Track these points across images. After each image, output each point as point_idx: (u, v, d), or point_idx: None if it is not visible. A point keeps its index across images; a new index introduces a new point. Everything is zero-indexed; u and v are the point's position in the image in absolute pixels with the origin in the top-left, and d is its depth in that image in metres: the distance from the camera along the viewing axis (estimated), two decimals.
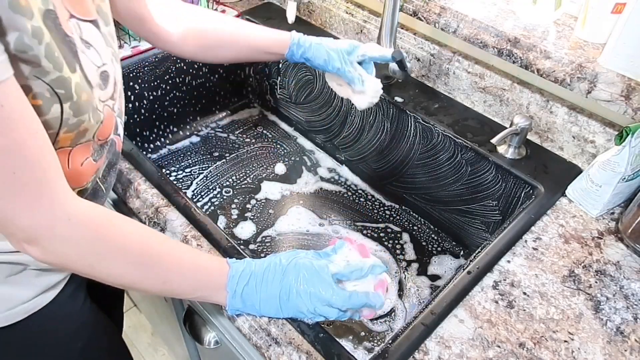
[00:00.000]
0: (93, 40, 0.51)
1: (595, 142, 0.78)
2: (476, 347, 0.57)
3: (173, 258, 0.49)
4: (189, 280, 0.50)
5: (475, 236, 0.90)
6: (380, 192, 1.03)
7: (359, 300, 0.53)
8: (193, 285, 0.51)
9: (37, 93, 0.42)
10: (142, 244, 0.47)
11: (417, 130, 0.90)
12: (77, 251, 0.43)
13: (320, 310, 0.52)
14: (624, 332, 0.59)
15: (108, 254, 0.45)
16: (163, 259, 0.48)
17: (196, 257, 0.52)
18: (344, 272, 0.54)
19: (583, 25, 0.78)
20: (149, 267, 0.47)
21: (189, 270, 0.50)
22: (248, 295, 0.52)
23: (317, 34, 1.09)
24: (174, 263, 0.49)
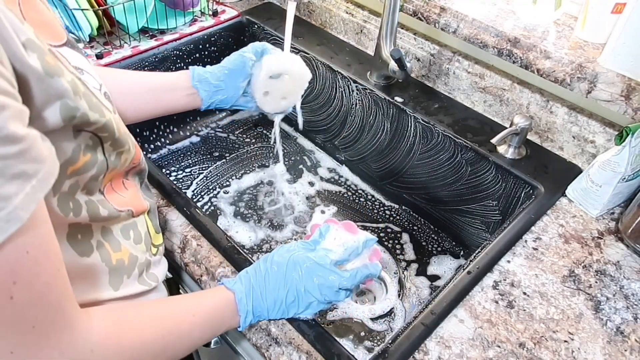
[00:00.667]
0: (81, 64, 0.46)
1: (595, 142, 0.78)
2: (476, 347, 0.57)
3: (189, 325, 0.50)
4: (208, 331, 0.51)
5: (475, 236, 0.90)
6: (380, 192, 1.03)
7: (363, 275, 0.56)
8: (214, 331, 0.52)
9: (85, 148, 0.40)
10: (157, 334, 0.47)
11: (417, 130, 0.90)
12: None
13: (330, 297, 0.54)
14: (624, 332, 0.59)
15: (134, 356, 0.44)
16: (182, 332, 0.49)
17: (203, 306, 0.52)
18: (344, 256, 0.57)
19: (583, 25, 0.78)
20: (172, 346, 0.48)
21: (206, 323, 0.51)
22: (257, 308, 0.53)
23: (317, 34, 1.09)
24: (192, 328, 0.50)
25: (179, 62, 1.05)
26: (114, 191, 0.50)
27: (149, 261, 0.57)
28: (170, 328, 0.48)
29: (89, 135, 0.41)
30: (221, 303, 0.53)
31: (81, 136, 0.40)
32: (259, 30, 1.12)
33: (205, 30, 1.08)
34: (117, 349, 0.42)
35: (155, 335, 0.46)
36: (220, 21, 1.10)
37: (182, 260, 0.68)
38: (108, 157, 0.45)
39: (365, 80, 0.96)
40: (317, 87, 1.06)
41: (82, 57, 0.48)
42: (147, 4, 0.96)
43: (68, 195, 0.42)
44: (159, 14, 1.01)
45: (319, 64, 1.02)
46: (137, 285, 0.54)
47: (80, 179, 0.43)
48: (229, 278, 0.56)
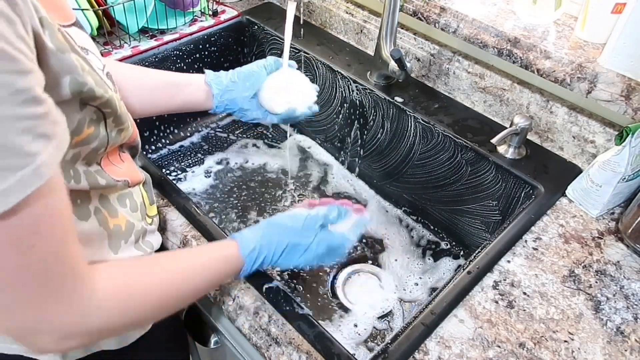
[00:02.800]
0: (87, 44, 0.48)
1: (595, 142, 0.78)
2: (476, 347, 0.57)
3: (197, 277, 0.51)
4: (215, 281, 0.54)
5: (475, 236, 0.90)
6: (380, 192, 1.03)
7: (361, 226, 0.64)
8: (219, 280, 0.55)
9: (89, 121, 0.43)
10: (164, 289, 0.48)
11: (417, 130, 0.90)
12: (110, 326, 0.44)
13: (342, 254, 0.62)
14: (624, 332, 0.59)
15: (138, 315, 0.46)
16: (190, 286, 0.50)
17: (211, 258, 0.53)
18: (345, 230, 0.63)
19: (583, 25, 0.78)
20: (177, 300, 0.49)
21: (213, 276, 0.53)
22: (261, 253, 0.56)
23: (317, 34, 1.09)
24: (200, 280, 0.51)
25: (179, 62, 1.05)
26: (111, 163, 0.52)
27: (144, 229, 0.58)
28: (179, 283, 0.49)
29: (93, 110, 0.43)
30: (228, 252, 0.54)
31: (86, 109, 0.42)
32: (259, 30, 1.12)
33: (205, 30, 1.08)
34: (124, 305, 0.44)
35: (164, 291, 0.47)
36: (220, 21, 1.10)
37: None
38: (109, 132, 0.47)
39: (365, 80, 0.96)
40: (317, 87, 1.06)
41: (87, 38, 0.50)
42: (147, 4, 0.96)
43: (70, 163, 0.44)
44: (159, 14, 1.01)
45: (319, 64, 1.02)
46: (134, 250, 0.55)
47: (83, 149, 0.45)
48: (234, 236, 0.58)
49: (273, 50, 1.11)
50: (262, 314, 0.60)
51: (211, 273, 0.52)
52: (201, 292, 0.52)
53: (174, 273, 0.49)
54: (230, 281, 0.63)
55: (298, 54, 1.05)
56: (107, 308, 0.42)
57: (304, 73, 1.06)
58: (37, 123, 0.32)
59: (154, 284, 0.47)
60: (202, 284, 0.51)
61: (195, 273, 0.51)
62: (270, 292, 0.62)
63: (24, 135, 0.31)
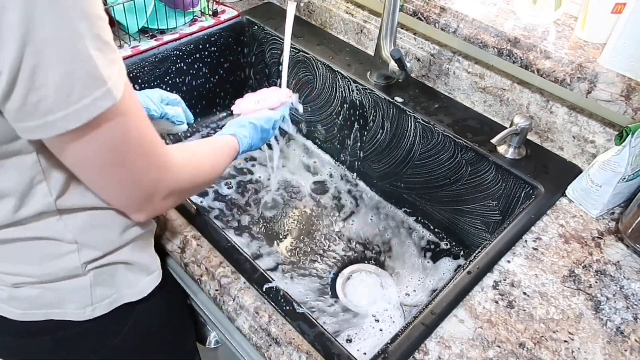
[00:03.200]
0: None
1: (595, 142, 0.78)
2: (476, 347, 0.57)
3: (221, 155, 0.67)
4: (228, 159, 0.68)
5: (475, 236, 0.90)
6: (380, 192, 1.03)
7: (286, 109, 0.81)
8: (230, 159, 0.69)
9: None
10: (209, 167, 0.62)
11: (417, 130, 0.90)
12: (191, 184, 0.57)
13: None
14: (624, 332, 0.59)
15: (199, 184, 0.60)
16: (218, 159, 0.65)
17: (223, 145, 0.68)
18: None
19: (583, 25, 0.78)
20: (215, 175, 0.64)
21: (227, 154, 0.68)
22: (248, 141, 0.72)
23: (317, 34, 1.09)
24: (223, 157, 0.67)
25: (179, 62, 1.05)
26: None
27: None
28: (213, 156, 0.64)
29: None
30: (231, 141, 0.70)
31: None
32: (259, 30, 1.12)
33: (205, 30, 1.07)
34: (191, 170, 0.57)
35: (208, 161, 0.62)
36: (220, 21, 1.10)
37: (182, 260, 0.68)
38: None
39: (365, 80, 0.96)
40: (317, 87, 1.06)
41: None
42: (147, 4, 0.96)
43: None
44: (159, 14, 1.01)
45: (319, 64, 1.02)
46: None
47: None
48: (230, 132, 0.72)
49: (273, 50, 1.12)
50: (262, 314, 0.60)
51: (227, 155, 0.68)
52: (223, 168, 0.67)
53: (210, 151, 0.65)
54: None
55: (298, 54, 1.05)
56: (185, 171, 0.55)
57: (304, 73, 1.07)
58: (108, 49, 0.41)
59: (204, 156, 0.62)
60: (225, 160, 0.67)
61: (221, 153, 0.67)
62: (270, 292, 0.62)
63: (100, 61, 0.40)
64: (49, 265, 0.55)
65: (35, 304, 0.57)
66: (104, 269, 0.58)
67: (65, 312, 0.58)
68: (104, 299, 0.60)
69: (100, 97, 0.40)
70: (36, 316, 0.58)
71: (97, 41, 0.40)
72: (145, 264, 0.63)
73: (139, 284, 0.63)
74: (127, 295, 0.62)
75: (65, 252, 0.55)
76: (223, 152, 0.67)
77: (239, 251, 0.67)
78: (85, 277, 0.57)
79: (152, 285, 0.65)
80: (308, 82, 1.07)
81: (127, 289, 0.62)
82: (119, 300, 0.61)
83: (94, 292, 0.59)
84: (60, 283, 0.56)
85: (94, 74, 0.39)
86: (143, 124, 0.47)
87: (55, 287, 0.56)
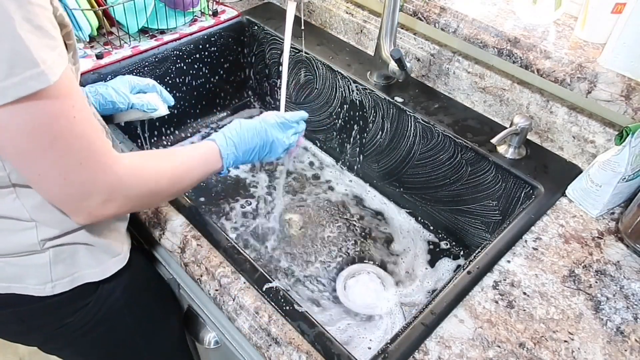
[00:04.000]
0: None
1: (595, 142, 0.78)
2: (476, 347, 0.57)
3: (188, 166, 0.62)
4: (201, 171, 0.64)
5: (475, 236, 0.90)
6: (379, 192, 1.03)
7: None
8: (205, 172, 0.65)
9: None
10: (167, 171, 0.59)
11: (417, 130, 0.90)
12: (139, 193, 0.55)
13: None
14: (624, 332, 0.59)
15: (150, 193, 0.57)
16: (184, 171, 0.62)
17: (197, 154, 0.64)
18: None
19: (583, 25, 0.78)
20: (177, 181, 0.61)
21: (199, 166, 0.64)
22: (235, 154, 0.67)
23: (317, 34, 1.09)
24: (190, 168, 0.63)
25: (179, 62, 1.05)
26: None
27: None
28: (176, 167, 0.61)
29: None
30: (209, 151, 0.65)
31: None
32: (259, 30, 1.12)
33: (205, 30, 1.08)
34: (140, 177, 0.54)
35: (166, 171, 0.59)
36: (220, 21, 1.10)
37: (182, 260, 0.68)
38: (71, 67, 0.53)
39: (365, 80, 0.96)
40: (317, 87, 1.06)
41: None
42: (147, 4, 0.96)
43: None
44: (159, 14, 1.01)
45: (319, 64, 1.02)
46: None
47: None
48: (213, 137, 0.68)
49: (273, 50, 1.12)
50: (262, 314, 0.60)
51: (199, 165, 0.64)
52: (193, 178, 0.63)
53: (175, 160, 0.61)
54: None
55: (298, 54, 1.05)
56: (132, 177, 0.53)
57: (304, 73, 1.07)
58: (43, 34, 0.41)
59: (160, 166, 0.58)
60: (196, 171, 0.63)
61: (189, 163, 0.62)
62: (270, 292, 0.62)
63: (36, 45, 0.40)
64: (7, 241, 0.57)
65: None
66: (63, 247, 0.60)
67: (25, 287, 0.60)
68: (64, 277, 0.61)
69: (30, 77, 0.41)
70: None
71: (28, 24, 0.40)
72: (109, 246, 0.64)
73: (101, 265, 0.64)
74: (88, 275, 0.64)
75: (22, 229, 0.56)
76: (192, 162, 0.63)
77: (239, 251, 0.67)
78: (44, 254, 0.59)
79: (115, 268, 0.66)
80: (308, 82, 1.07)
81: (89, 269, 0.63)
82: (80, 280, 0.63)
83: (54, 270, 0.60)
84: (20, 258, 0.58)
85: (24, 54, 0.40)
86: (80, 118, 0.46)
87: (15, 262, 0.58)
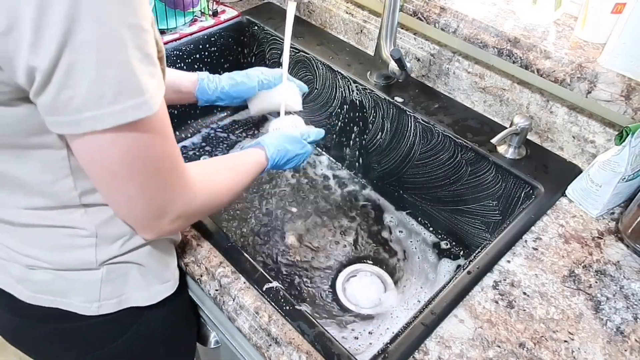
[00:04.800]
0: None
1: (595, 142, 0.78)
2: (476, 347, 0.57)
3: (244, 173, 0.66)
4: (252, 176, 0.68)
5: (475, 236, 0.90)
6: (380, 192, 1.03)
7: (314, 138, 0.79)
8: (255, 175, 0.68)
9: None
10: (227, 189, 0.61)
11: (417, 130, 0.90)
12: (198, 214, 0.56)
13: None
14: (624, 332, 0.59)
15: (214, 207, 0.59)
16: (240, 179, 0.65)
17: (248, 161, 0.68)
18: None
19: (583, 25, 0.78)
20: (235, 188, 0.63)
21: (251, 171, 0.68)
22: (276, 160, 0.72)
23: (317, 34, 1.09)
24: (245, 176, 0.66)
25: (179, 62, 1.05)
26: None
27: None
28: (234, 176, 0.64)
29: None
30: (259, 157, 0.70)
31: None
32: (259, 30, 1.12)
33: (205, 30, 1.08)
34: (212, 194, 0.57)
35: (227, 181, 0.62)
36: (220, 21, 1.10)
37: (182, 260, 0.68)
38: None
39: (365, 80, 0.96)
40: (317, 87, 1.06)
41: None
42: None
43: None
44: (159, 14, 1.01)
45: (319, 64, 1.02)
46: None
47: None
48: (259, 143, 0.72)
49: (273, 50, 1.12)
50: (262, 314, 0.60)
51: (250, 172, 0.67)
52: (244, 186, 0.66)
53: (231, 172, 0.64)
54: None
55: (298, 54, 1.05)
56: (201, 194, 0.54)
57: (303, 73, 1.07)
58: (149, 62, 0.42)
59: (227, 180, 0.61)
60: (246, 178, 0.66)
61: (243, 171, 0.66)
62: (270, 292, 0.62)
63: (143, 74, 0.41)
64: (64, 255, 0.55)
65: (46, 289, 0.57)
66: (118, 266, 0.58)
67: (71, 303, 0.58)
68: (112, 297, 0.59)
69: (134, 106, 0.41)
70: (44, 301, 0.58)
71: (139, 52, 0.40)
72: (160, 270, 0.63)
73: (150, 289, 0.62)
74: (136, 299, 0.61)
75: (82, 245, 0.55)
76: (245, 170, 0.66)
77: (239, 251, 0.67)
78: (98, 271, 0.57)
79: (164, 294, 0.63)
80: (308, 82, 1.07)
81: (137, 292, 0.61)
82: (127, 302, 0.61)
83: (104, 289, 0.58)
84: (72, 273, 0.57)
85: (131, 82, 0.40)
86: (169, 144, 0.47)
87: (66, 275, 0.57)
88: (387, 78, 0.95)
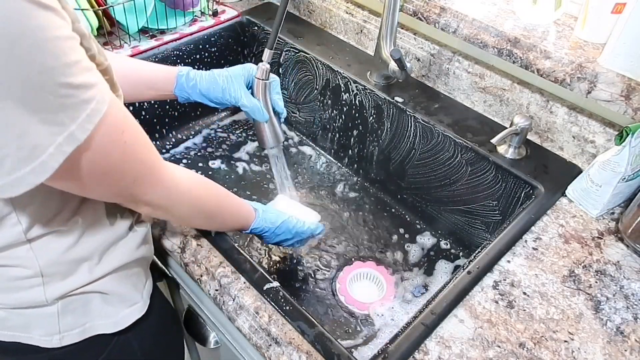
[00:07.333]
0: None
1: (595, 142, 0.78)
2: (476, 347, 0.57)
3: (230, 206, 0.65)
4: (236, 219, 0.67)
5: (475, 236, 0.90)
6: (380, 192, 1.03)
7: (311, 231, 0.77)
8: (238, 223, 0.67)
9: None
10: (212, 204, 0.61)
11: (417, 130, 0.90)
12: (179, 210, 0.57)
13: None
14: (624, 332, 0.59)
15: (193, 212, 0.59)
16: (226, 208, 0.65)
17: (240, 203, 0.67)
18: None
19: (583, 25, 0.78)
20: (218, 214, 0.64)
21: (238, 213, 0.66)
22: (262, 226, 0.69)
23: (317, 34, 1.09)
24: (228, 215, 0.65)
25: (178, 62, 1.05)
26: None
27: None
28: (221, 199, 0.63)
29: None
30: (249, 210, 0.68)
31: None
32: (259, 30, 1.12)
33: (205, 30, 1.08)
34: (189, 195, 0.56)
35: (211, 199, 0.61)
36: (220, 21, 1.10)
37: (182, 260, 0.68)
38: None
39: (365, 80, 0.96)
40: (317, 87, 1.06)
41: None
42: (147, 4, 0.96)
43: None
44: (159, 14, 1.01)
45: (319, 64, 1.02)
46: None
47: None
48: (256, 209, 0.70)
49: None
50: (262, 314, 0.60)
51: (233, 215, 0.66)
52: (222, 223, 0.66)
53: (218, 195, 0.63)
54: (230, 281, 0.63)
55: (298, 54, 1.05)
56: (181, 193, 0.54)
57: (303, 73, 1.07)
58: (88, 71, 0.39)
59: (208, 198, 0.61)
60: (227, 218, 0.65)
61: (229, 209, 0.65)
62: (270, 292, 0.62)
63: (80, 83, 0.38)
64: (12, 296, 0.53)
65: (3, 325, 0.55)
66: (74, 297, 0.55)
67: (31, 337, 0.56)
68: (74, 328, 0.57)
69: (63, 142, 0.38)
70: (3, 337, 0.55)
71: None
72: (126, 294, 0.60)
73: (116, 315, 0.59)
74: (101, 326, 0.58)
75: (28, 285, 0.52)
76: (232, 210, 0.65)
77: (239, 251, 0.67)
78: (52, 306, 0.55)
79: (132, 319, 0.61)
80: (308, 82, 1.07)
81: (102, 320, 0.58)
82: (92, 331, 0.58)
83: (62, 321, 0.56)
84: (26, 310, 0.54)
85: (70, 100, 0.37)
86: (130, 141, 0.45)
87: (21, 312, 0.54)
88: (387, 78, 0.95)
